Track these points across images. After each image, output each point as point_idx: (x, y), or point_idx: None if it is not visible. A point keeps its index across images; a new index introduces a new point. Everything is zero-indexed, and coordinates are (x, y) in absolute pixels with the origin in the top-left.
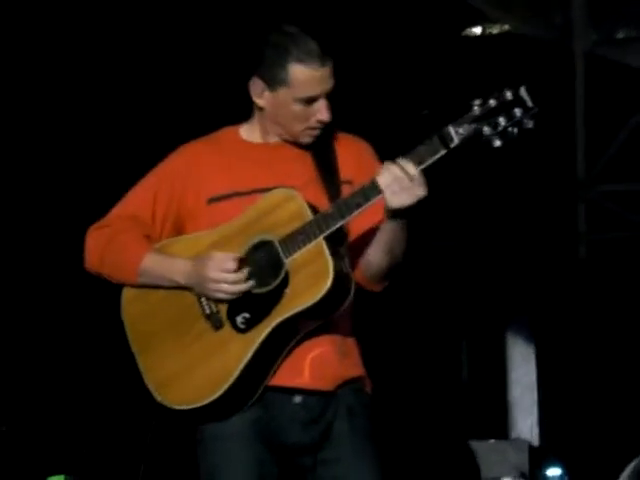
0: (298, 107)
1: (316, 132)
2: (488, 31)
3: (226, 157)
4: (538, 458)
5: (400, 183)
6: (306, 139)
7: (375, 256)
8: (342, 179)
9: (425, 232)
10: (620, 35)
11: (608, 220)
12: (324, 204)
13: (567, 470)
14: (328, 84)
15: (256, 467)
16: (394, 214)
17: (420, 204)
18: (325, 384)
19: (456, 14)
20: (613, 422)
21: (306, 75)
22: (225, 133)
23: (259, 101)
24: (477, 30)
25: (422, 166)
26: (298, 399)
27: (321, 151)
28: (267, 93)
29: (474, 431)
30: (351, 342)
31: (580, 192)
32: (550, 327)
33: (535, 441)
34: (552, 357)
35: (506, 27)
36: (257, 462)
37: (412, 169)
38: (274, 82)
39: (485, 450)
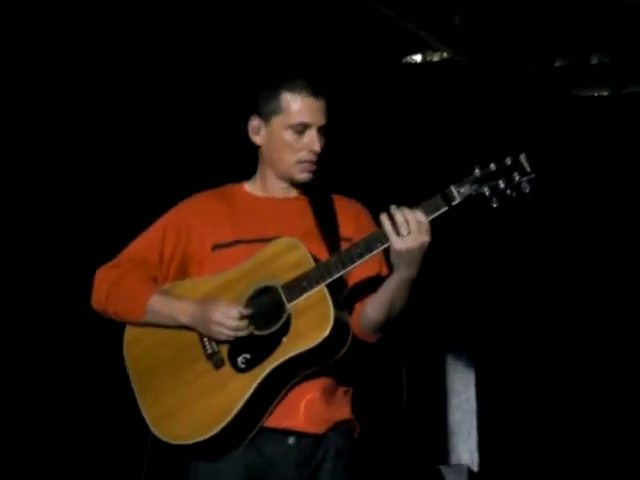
0: (290, 136)
1: (310, 167)
2: (429, 58)
3: (231, 207)
4: None
5: (410, 226)
6: (300, 175)
7: (374, 311)
8: (342, 236)
9: None
10: (557, 64)
11: None
12: (324, 257)
13: None
14: (320, 117)
15: None
16: (400, 262)
17: (427, 263)
18: (317, 427)
19: (396, 42)
20: (552, 448)
21: (297, 102)
22: (230, 187)
23: (256, 138)
24: (417, 57)
25: (428, 218)
26: (292, 440)
27: (321, 208)
28: (263, 129)
29: (414, 456)
30: (343, 387)
31: None
32: (490, 353)
33: (475, 466)
34: (492, 383)
35: (445, 54)
36: None
37: (421, 215)
38: (268, 114)
39: (423, 475)
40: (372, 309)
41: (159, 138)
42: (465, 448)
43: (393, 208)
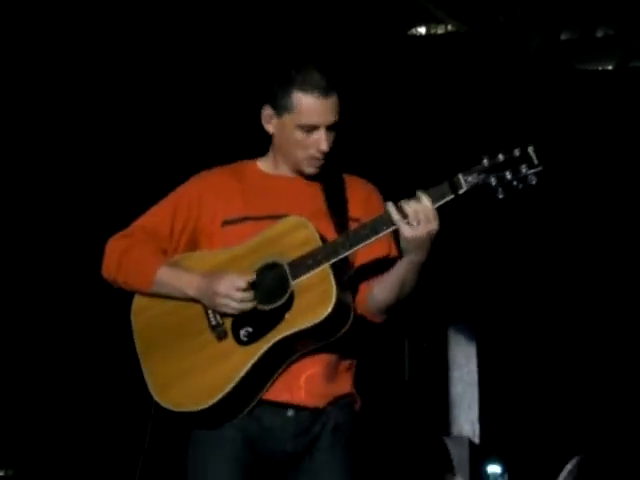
0: (299, 134)
1: (317, 163)
2: (433, 31)
3: (242, 184)
4: (478, 455)
5: (416, 215)
6: (308, 169)
7: (382, 292)
8: (350, 216)
9: None
10: (564, 37)
11: None
12: (331, 236)
13: (507, 467)
14: (330, 116)
15: (241, 472)
16: (410, 248)
17: (436, 246)
18: (316, 401)
19: (401, 14)
20: (553, 421)
21: (308, 103)
22: (244, 164)
23: (268, 127)
24: (422, 30)
25: (434, 205)
26: (291, 412)
27: (331, 188)
28: (275, 120)
29: (416, 428)
30: (345, 363)
31: None
32: (492, 326)
33: (476, 438)
34: (493, 356)
35: (450, 27)
36: (243, 467)
37: (428, 202)
38: (280, 109)
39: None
40: (380, 290)
41: (173, 116)
42: (466, 420)
43: (403, 202)
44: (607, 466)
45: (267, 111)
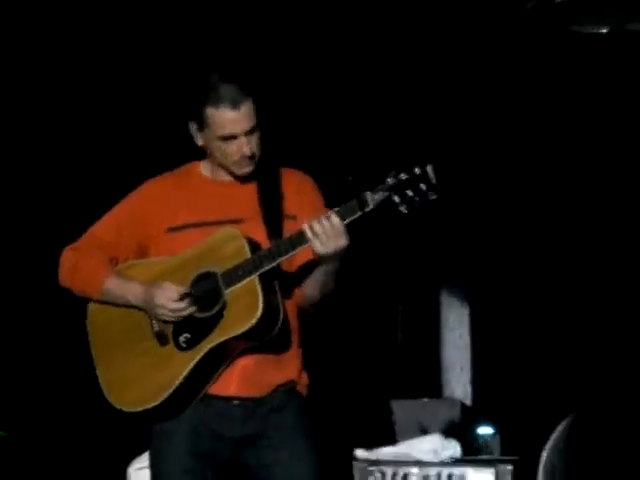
0: (222, 144)
1: (247, 164)
2: None
3: (185, 192)
4: (470, 417)
5: (326, 234)
6: (240, 171)
7: (309, 290)
8: (286, 214)
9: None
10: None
11: None
12: (263, 238)
13: (498, 429)
14: (245, 124)
15: (193, 458)
16: (324, 259)
17: (347, 253)
18: (256, 391)
19: None
20: (544, 383)
21: (220, 117)
22: (188, 168)
23: (197, 141)
24: None
25: (344, 222)
26: (236, 402)
27: (265, 189)
28: (199, 134)
29: (409, 391)
30: (286, 352)
31: None
32: (484, 289)
33: (468, 401)
34: (486, 319)
35: None
36: (194, 454)
37: (336, 221)
38: (200, 124)
39: (417, 408)
40: (308, 289)
41: (120, 127)
42: (458, 382)
43: (312, 220)
44: (599, 426)
45: (192, 126)
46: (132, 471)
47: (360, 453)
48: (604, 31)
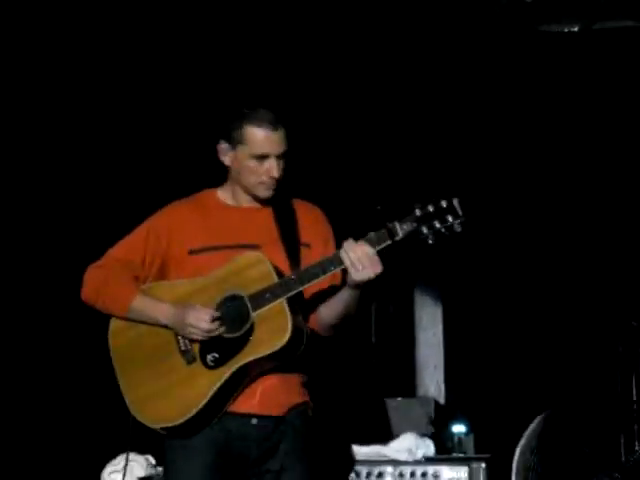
0: (252, 163)
1: (270, 186)
2: None
3: (205, 216)
4: (444, 415)
5: (363, 262)
6: (263, 193)
7: (328, 316)
8: (301, 241)
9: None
10: None
11: None
12: (283, 262)
13: (472, 427)
14: (279, 146)
15: (210, 474)
16: (356, 285)
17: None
18: (274, 411)
19: None
20: (517, 382)
21: (259, 135)
22: (205, 194)
23: (224, 159)
24: None
25: (375, 250)
26: (254, 421)
27: (282, 216)
28: (230, 153)
29: (383, 390)
30: (299, 376)
31: None
32: (457, 289)
33: (441, 399)
34: (459, 318)
35: None
36: (211, 470)
37: (371, 250)
38: (234, 142)
39: (391, 407)
40: (326, 314)
41: (140, 146)
42: (432, 381)
43: (350, 244)
44: (572, 424)
45: (222, 145)
46: (106, 475)
47: None
48: (575, 30)
